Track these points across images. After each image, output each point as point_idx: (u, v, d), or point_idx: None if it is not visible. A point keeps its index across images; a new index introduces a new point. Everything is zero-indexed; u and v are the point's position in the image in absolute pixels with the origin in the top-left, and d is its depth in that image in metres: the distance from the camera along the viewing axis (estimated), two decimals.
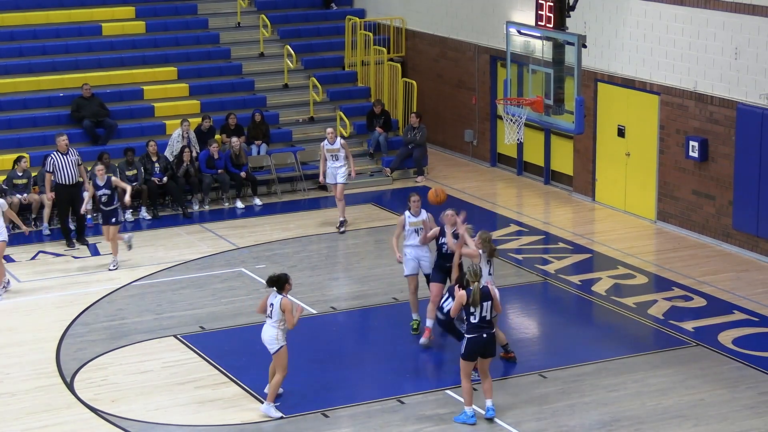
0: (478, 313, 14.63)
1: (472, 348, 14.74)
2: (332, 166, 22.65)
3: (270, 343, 15.09)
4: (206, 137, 25.21)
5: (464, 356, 14.82)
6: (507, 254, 21.33)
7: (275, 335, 15.04)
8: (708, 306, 18.92)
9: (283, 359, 15.12)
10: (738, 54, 20.85)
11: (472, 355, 14.78)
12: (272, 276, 15.07)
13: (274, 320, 15.02)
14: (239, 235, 22.84)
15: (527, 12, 23.55)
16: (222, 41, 28.97)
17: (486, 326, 14.71)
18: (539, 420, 15.03)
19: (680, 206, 22.50)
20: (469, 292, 14.61)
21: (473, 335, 14.70)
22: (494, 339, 14.92)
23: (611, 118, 23.86)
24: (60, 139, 21.99)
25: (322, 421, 15.16)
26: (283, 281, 15.02)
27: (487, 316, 14.69)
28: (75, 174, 22.04)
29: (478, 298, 14.57)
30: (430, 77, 28.79)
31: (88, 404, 15.65)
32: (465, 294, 14.61)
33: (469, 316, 14.66)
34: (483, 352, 14.79)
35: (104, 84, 26.64)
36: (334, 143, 22.63)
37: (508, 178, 26.76)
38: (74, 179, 22.05)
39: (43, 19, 28.15)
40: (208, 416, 15.36)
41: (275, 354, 15.11)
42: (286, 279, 15.07)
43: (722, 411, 15.33)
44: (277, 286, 15.01)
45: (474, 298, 14.56)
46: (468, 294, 14.61)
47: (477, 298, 14.57)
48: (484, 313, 14.64)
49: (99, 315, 18.78)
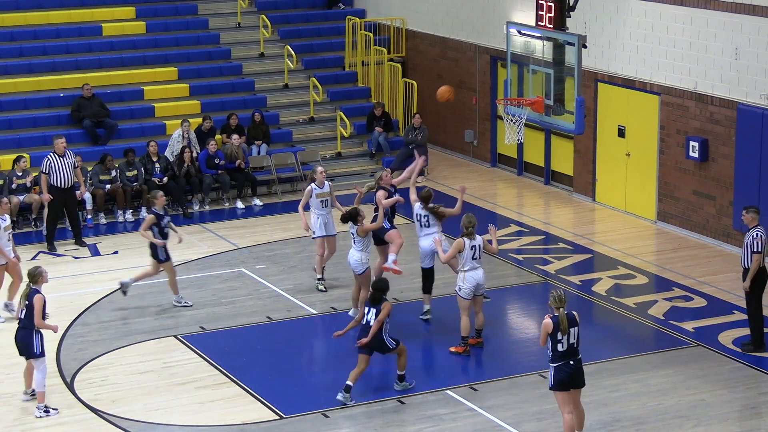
0: (566, 340, 13.73)
1: (560, 377, 13.82)
2: (321, 213, 19.49)
3: (356, 266, 17.73)
4: (206, 137, 25.21)
5: (554, 387, 13.92)
6: (507, 254, 21.33)
7: (360, 258, 17.72)
8: (708, 306, 18.92)
9: (368, 278, 17.64)
10: (738, 54, 20.85)
11: (563, 384, 13.84)
12: (344, 214, 17.86)
13: (358, 246, 17.69)
14: (239, 235, 22.84)
15: (527, 12, 23.55)
16: (222, 41, 28.97)
17: (573, 354, 13.81)
18: (539, 420, 15.03)
19: (680, 206, 22.50)
20: (556, 319, 13.73)
21: (559, 363, 13.79)
22: (582, 367, 13.96)
23: (611, 118, 23.86)
24: (58, 141, 21.88)
25: (322, 421, 15.16)
26: (354, 215, 17.61)
27: (575, 344, 13.78)
28: (70, 177, 21.91)
29: (566, 325, 13.70)
30: (431, 77, 28.78)
31: (88, 404, 15.65)
32: (551, 322, 13.69)
33: (556, 344, 13.72)
34: (573, 382, 13.89)
35: (104, 84, 26.65)
36: (323, 186, 19.60)
37: (508, 178, 26.76)
38: (69, 182, 21.92)
39: (43, 19, 28.16)
40: (208, 416, 15.37)
41: (361, 275, 17.74)
42: (357, 212, 17.63)
43: (722, 411, 15.34)
44: (351, 219, 17.65)
45: (562, 325, 13.69)
46: (554, 321, 13.72)
47: (565, 326, 13.70)
48: (572, 340, 13.74)
49: (99, 315, 18.79)
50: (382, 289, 15.61)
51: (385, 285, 15.70)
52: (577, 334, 13.79)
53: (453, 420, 15.11)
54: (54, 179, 21.79)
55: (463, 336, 16.95)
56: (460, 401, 15.49)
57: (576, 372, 13.83)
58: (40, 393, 15.34)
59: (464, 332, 16.92)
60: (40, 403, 15.32)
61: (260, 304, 19.13)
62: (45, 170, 21.82)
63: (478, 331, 17.19)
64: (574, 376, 13.84)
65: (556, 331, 13.70)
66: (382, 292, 15.56)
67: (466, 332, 16.91)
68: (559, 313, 13.74)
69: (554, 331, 13.70)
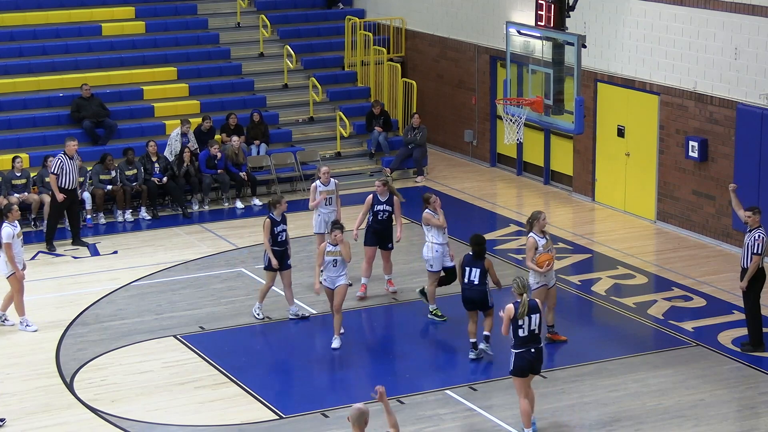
0: (526, 326, 14.13)
1: (520, 364, 14.23)
2: (323, 211, 19.71)
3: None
4: (206, 137, 25.22)
5: (513, 372, 14.32)
6: (507, 254, 21.33)
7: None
8: (708, 306, 18.92)
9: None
10: (738, 54, 20.85)
11: (522, 371, 14.26)
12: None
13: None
14: (239, 235, 22.84)
15: (527, 12, 23.55)
16: (222, 41, 28.97)
17: (534, 340, 14.22)
18: (539, 420, 15.01)
19: (680, 206, 22.51)
20: (517, 305, 14.13)
21: (521, 350, 14.20)
22: (542, 354, 14.43)
23: (611, 118, 23.86)
24: (71, 143, 21.85)
25: (322, 421, 15.16)
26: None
27: (536, 330, 14.22)
28: (77, 178, 22.01)
29: (526, 310, 14.11)
30: (430, 77, 28.79)
31: (88, 404, 15.65)
32: (513, 307, 14.11)
33: (518, 330, 14.13)
34: (531, 369, 14.31)
35: (104, 84, 26.64)
36: (329, 184, 19.76)
37: (508, 178, 26.76)
38: (76, 184, 22.01)
39: (43, 19, 28.15)
40: (208, 416, 15.36)
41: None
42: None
43: (722, 411, 15.34)
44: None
45: (522, 309, 14.09)
46: (516, 307, 14.12)
47: (525, 310, 14.11)
48: (533, 327, 14.15)
49: (99, 315, 18.78)
50: (481, 242, 16.49)
51: (483, 238, 16.60)
52: (538, 322, 14.21)
53: (453, 420, 15.11)
54: (63, 181, 21.77)
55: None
56: (460, 401, 15.49)
57: (535, 359, 14.30)
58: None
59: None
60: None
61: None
62: (56, 171, 21.78)
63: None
64: (533, 363, 14.30)
65: (516, 318, 14.16)
66: (483, 245, 16.46)
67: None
68: (521, 299, 14.15)
69: (515, 316, 14.15)
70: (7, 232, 17.75)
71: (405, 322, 18.25)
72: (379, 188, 19.06)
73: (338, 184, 20.06)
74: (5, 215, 18.13)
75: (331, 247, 17.10)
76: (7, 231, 17.76)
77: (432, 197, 18.33)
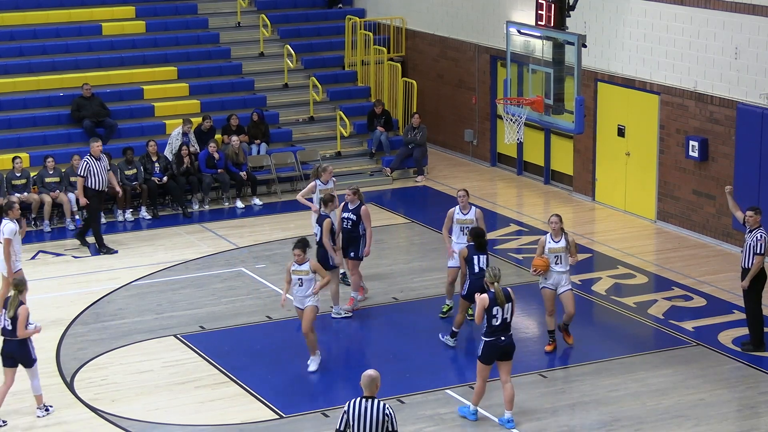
0: (500, 315, 14.45)
1: (489, 352, 14.58)
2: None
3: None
4: (206, 137, 25.22)
5: (481, 359, 14.70)
6: (507, 254, 21.33)
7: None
8: (708, 306, 18.92)
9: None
10: (738, 54, 20.85)
11: (489, 358, 14.63)
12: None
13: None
14: (239, 234, 22.84)
15: (527, 12, 23.54)
16: (222, 41, 28.97)
17: (505, 329, 14.53)
18: (539, 420, 15.03)
19: (680, 206, 22.50)
20: (492, 294, 14.44)
21: (491, 339, 14.53)
22: (513, 343, 14.72)
23: (611, 117, 23.86)
24: (95, 144, 21.69)
25: (322, 421, 15.16)
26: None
27: (508, 319, 14.54)
28: (106, 179, 21.80)
29: (502, 298, 14.42)
30: (431, 77, 28.79)
31: (88, 404, 15.65)
32: (487, 297, 14.43)
33: (491, 319, 14.45)
34: (501, 356, 14.64)
35: (104, 84, 26.64)
36: (328, 184, 19.82)
37: (508, 177, 26.76)
38: (105, 184, 21.80)
39: (43, 19, 28.15)
40: (208, 416, 15.36)
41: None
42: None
43: (722, 411, 15.33)
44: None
45: (498, 299, 14.40)
46: (490, 297, 14.43)
47: (501, 299, 14.41)
48: (505, 315, 14.49)
49: (99, 315, 18.78)
50: (482, 235, 16.72)
51: (483, 231, 16.93)
52: (511, 310, 14.53)
53: (453, 420, 15.11)
54: (92, 182, 21.56)
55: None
56: (460, 401, 15.48)
57: (505, 347, 14.60)
58: (39, 396, 15.30)
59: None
60: (41, 404, 15.31)
61: (260, 304, 19.13)
62: (83, 173, 21.56)
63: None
64: (503, 351, 14.62)
65: (492, 306, 14.42)
66: (483, 237, 16.68)
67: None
68: (494, 288, 14.44)
69: (490, 305, 14.42)
70: (10, 227, 17.68)
71: (405, 322, 18.23)
72: (348, 196, 18.52)
73: (336, 183, 20.00)
74: (6, 212, 18.08)
75: (295, 266, 16.24)
76: (9, 227, 17.68)
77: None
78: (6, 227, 17.68)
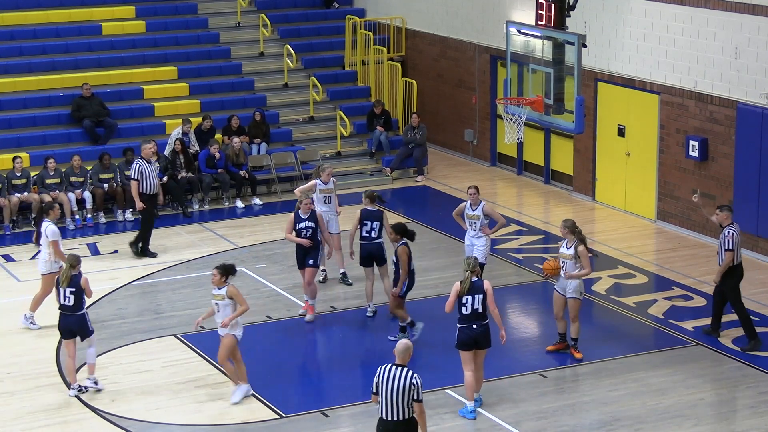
0: (469, 304, 14.81)
1: (462, 338, 14.97)
2: (323, 210, 19.44)
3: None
4: (206, 137, 25.21)
5: (457, 345, 15.08)
6: (507, 254, 21.33)
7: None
8: (708, 306, 18.88)
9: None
10: (738, 53, 20.85)
11: (464, 344, 14.97)
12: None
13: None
14: (239, 234, 22.84)
15: (527, 12, 23.55)
16: (222, 41, 28.98)
17: (477, 318, 14.87)
18: (539, 420, 15.03)
19: (680, 206, 22.50)
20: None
21: (463, 325, 14.94)
22: (488, 331, 15.01)
23: (611, 117, 23.86)
24: (147, 146, 21.03)
25: (322, 421, 15.16)
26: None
27: (480, 309, 14.85)
28: (157, 182, 21.23)
29: (466, 287, 14.75)
30: (430, 77, 28.79)
31: (88, 404, 15.65)
32: (458, 283, 14.87)
33: (461, 307, 14.86)
34: (476, 344, 14.94)
35: (104, 84, 26.65)
36: (328, 183, 19.79)
37: (508, 177, 26.76)
38: (157, 188, 21.21)
39: (43, 19, 28.16)
40: (208, 416, 15.36)
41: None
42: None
43: (722, 411, 15.34)
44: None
45: (462, 285, 14.77)
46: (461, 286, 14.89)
47: (465, 287, 14.75)
48: (476, 306, 14.81)
49: (99, 315, 18.77)
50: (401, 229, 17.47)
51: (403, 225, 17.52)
52: (481, 302, 14.81)
53: (453, 420, 15.11)
54: (144, 186, 20.93)
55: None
56: (460, 401, 15.48)
57: (479, 335, 14.91)
58: (92, 365, 16.03)
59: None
60: (92, 374, 15.98)
61: (260, 304, 19.11)
62: (135, 176, 20.88)
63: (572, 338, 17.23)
64: (477, 338, 14.91)
65: (460, 294, 14.85)
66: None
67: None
68: (464, 277, 14.80)
69: (460, 294, 14.87)
70: (53, 229, 17.67)
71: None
72: (303, 206, 18.21)
73: (336, 183, 20.01)
74: (46, 212, 18.09)
75: (215, 290, 15.45)
76: (52, 228, 17.68)
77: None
78: (48, 229, 17.65)
